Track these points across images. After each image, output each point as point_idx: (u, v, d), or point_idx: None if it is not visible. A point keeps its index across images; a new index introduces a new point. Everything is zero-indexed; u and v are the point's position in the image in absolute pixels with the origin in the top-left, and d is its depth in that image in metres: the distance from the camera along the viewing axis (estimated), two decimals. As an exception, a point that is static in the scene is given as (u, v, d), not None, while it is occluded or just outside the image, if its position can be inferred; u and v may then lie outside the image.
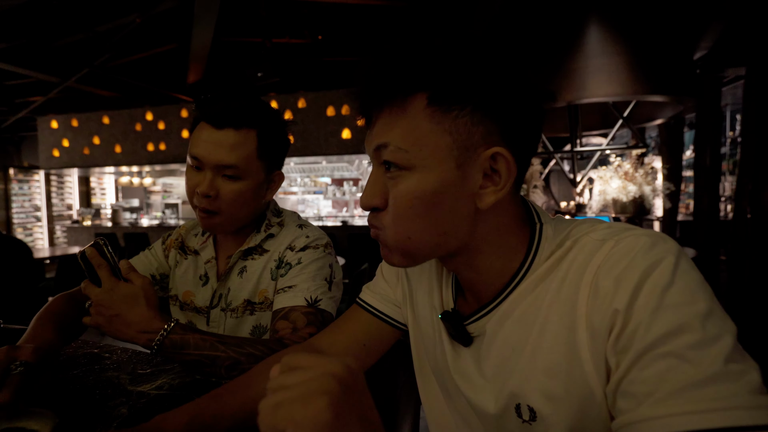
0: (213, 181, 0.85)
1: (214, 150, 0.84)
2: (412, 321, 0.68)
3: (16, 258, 2.79)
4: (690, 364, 0.36)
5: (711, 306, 0.39)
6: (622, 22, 3.00)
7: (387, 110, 0.48)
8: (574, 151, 3.46)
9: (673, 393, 0.36)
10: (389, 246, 0.51)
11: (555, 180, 8.22)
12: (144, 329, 0.72)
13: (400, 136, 0.47)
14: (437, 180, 0.46)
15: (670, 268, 0.40)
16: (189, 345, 0.73)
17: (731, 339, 0.38)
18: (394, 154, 0.47)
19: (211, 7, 3.93)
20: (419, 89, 0.46)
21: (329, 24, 4.95)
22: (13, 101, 6.84)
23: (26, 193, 8.44)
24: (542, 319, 0.47)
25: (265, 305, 0.93)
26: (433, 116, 0.46)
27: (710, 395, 0.35)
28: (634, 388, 0.38)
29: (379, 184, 0.50)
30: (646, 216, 3.29)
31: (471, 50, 0.47)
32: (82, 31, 4.64)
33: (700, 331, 0.37)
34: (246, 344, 0.76)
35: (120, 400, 0.66)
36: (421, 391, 0.69)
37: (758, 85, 3.05)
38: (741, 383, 0.35)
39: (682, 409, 0.35)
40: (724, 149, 5.47)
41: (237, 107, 0.85)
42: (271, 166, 0.93)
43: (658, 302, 0.39)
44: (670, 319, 0.38)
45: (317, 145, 6.05)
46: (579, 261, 0.46)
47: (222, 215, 0.87)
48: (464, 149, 0.46)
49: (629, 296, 0.40)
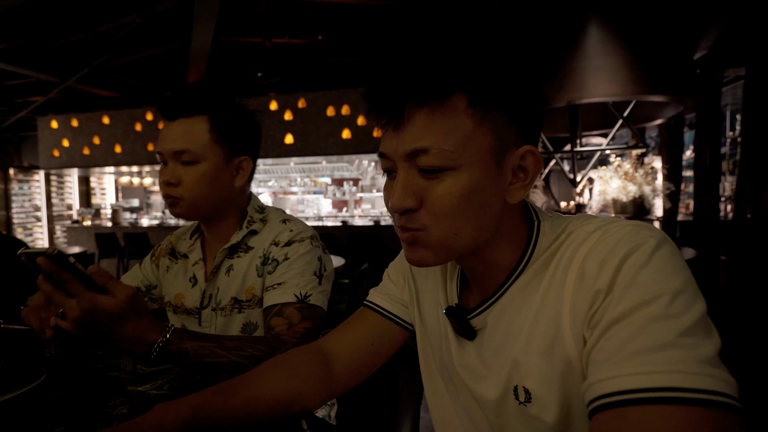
0: (174, 170, 0.90)
1: (170, 140, 0.90)
2: (419, 320, 0.69)
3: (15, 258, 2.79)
4: (648, 333, 0.39)
5: (683, 286, 0.41)
6: (622, 22, 3.00)
7: (426, 110, 0.47)
8: (574, 151, 3.46)
9: (626, 357, 0.39)
10: (431, 245, 0.50)
11: (555, 180, 8.22)
12: (138, 342, 0.68)
13: (442, 137, 0.47)
14: (481, 177, 0.48)
15: (648, 251, 0.43)
16: (188, 354, 0.72)
17: (696, 315, 0.40)
18: (438, 157, 0.47)
19: (211, 7, 3.93)
20: (459, 89, 0.47)
21: (329, 24, 4.95)
22: (13, 101, 6.84)
23: (26, 193, 8.44)
24: (537, 306, 0.50)
25: (253, 302, 0.94)
26: (475, 116, 0.47)
27: (659, 359, 0.37)
28: (599, 355, 0.41)
29: (412, 186, 0.49)
30: (646, 216, 3.29)
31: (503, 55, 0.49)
32: (82, 31, 4.63)
33: (666, 306, 0.40)
34: (246, 345, 0.76)
35: (120, 400, 0.66)
36: (427, 389, 0.69)
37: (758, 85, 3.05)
38: (692, 353, 0.37)
39: (631, 371, 0.38)
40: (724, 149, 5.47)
41: (185, 97, 0.90)
42: (233, 151, 0.95)
43: (632, 279, 0.42)
44: (639, 294, 0.41)
45: (317, 145, 6.04)
46: (570, 250, 0.49)
47: (185, 200, 0.91)
48: (501, 148, 0.49)
49: (610, 277, 0.43)
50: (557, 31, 3.21)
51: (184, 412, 0.54)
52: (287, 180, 8.60)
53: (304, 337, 0.83)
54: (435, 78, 0.47)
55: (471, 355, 0.57)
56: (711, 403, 0.35)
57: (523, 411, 0.51)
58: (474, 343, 0.57)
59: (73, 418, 0.60)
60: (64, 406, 0.64)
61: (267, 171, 8.23)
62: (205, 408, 0.56)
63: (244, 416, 0.58)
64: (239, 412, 0.58)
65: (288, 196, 8.88)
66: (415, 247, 0.52)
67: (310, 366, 0.65)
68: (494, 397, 0.54)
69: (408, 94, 0.48)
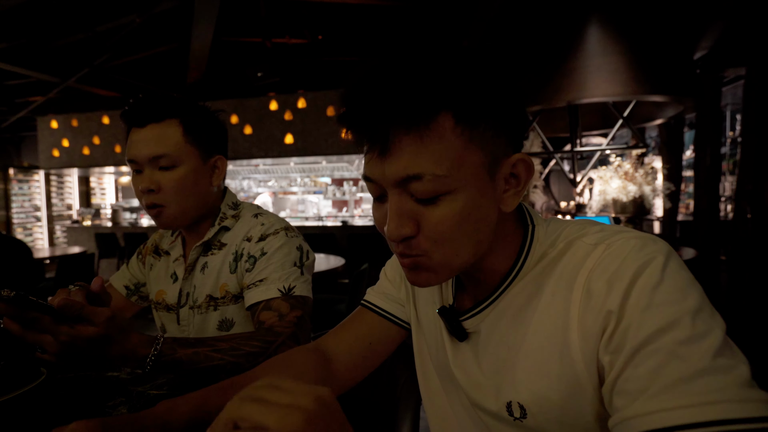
0: (152, 177, 0.89)
1: (144, 146, 0.88)
2: (415, 319, 0.69)
3: (16, 258, 2.79)
4: (680, 359, 0.37)
5: (700, 303, 0.40)
6: (622, 22, 3.00)
7: (413, 135, 0.44)
8: (574, 151, 3.46)
9: (664, 388, 0.37)
10: (433, 268, 0.49)
11: (555, 180, 8.22)
12: (129, 360, 0.68)
13: (434, 162, 0.44)
14: (477, 195, 0.46)
15: (659, 268, 0.42)
16: (182, 363, 0.71)
17: (720, 334, 0.39)
18: (433, 184, 0.44)
19: (211, 7, 3.93)
20: (445, 108, 0.44)
21: (329, 24, 4.95)
22: (13, 101, 6.84)
23: (26, 193, 8.44)
24: (537, 321, 0.49)
25: (227, 299, 0.93)
26: (464, 134, 0.45)
27: (701, 389, 0.36)
28: (628, 385, 0.39)
29: (407, 212, 0.47)
30: (646, 216, 3.29)
31: (485, 66, 0.46)
32: (82, 31, 4.63)
33: (690, 328, 0.38)
34: (241, 344, 0.76)
35: (120, 400, 0.66)
36: (422, 387, 0.69)
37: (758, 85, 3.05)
38: (730, 377, 0.36)
39: (674, 404, 0.36)
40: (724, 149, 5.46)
41: (152, 103, 0.90)
42: (208, 152, 0.95)
43: (649, 301, 0.40)
44: (660, 317, 0.39)
45: (317, 145, 6.04)
46: (572, 264, 0.48)
47: (169, 207, 0.90)
48: (494, 161, 0.47)
49: (621, 297, 0.42)
50: (557, 31, 3.21)
51: (185, 409, 0.54)
52: (287, 180, 8.59)
53: (296, 325, 0.83)
54: (419, 99, 0.43)
55: (468, 357, 0.57)
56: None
57: (519, 426, 0.50)
58: (469, 345, 0.57)
59: (73, 418, 0.60)
60: (64, 406, 0.64)
61: (267, 171, 8.23)
62: (207, 404, 0.56)
63: None
64: None
65: (288, 196, 8.88)
66: (417, 272, 0.50)
67: (309, 365, 0.65)
68: (491, 408, 0.53)
69: (392, 118, 0.44)
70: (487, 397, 0.54)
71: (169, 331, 1.00)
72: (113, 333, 0.64)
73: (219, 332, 0.94)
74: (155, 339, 0.70)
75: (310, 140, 6.05)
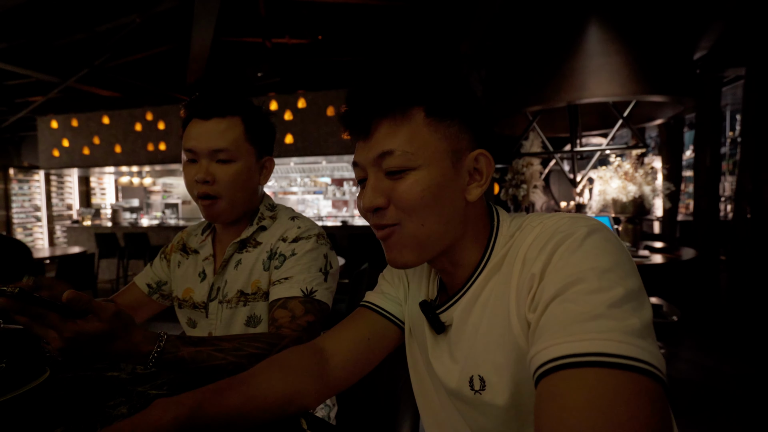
0: (209, 168, 0.92)
1: (206, 138, 0.91)
2: (408, 319, 0.72)
3: (15, 258, 2.79)
4: (577, 305, 0.42)
5: (612, 265, 0.45)
6: (622, 23, 3.00)
7: (389, 121, 0.55)
8: (574, 151, 3.46)
9: (559, 328, 0.42)
10: (406, 241, 0.57)
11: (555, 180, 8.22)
12: (133, 356, 0.68)
13: (405, 141, 0.55)
14: (439, 175, 0.55)
15: (581, 237, 0.48)
16: (185, 361, 0.72)
17: (622, 291, 0.42)
18: (402, 158, 0.54)
19: (211, 7, 3.93)
20: (417, 103, 0.55)
21: (329, 24, 4.95)
22: (13, 101, 6.84)
23: (26, 193, 8.44)
24: (493, 300, 0.56)
25: (258, 296, 0.95)
26: (431, 125, 0.55)
27: (588, 328, 0.40)
28: (537, 330, 0.45)
29: (380, 187, 0.56)
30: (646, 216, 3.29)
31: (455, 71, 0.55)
32: (82, 31, 4.63)
33: (595, 282, 0.43)
34: (244, 345, 0.76)
35: (120, 400, 0.66)
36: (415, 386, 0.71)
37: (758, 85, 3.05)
38: (620, 323, 0.40)
39: (562, 339, 0.41)
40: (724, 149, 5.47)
41: (219, 98, 0.93)
42: (261, 151, 1.00)
43: (565, 262, 0.46)
44: (571, 273, 0.45)
45: (317, 145, 6.04)
46: (517, 244, 0.55)
47: (223, 199, 0.93)
48: (456, 152, 0.56)
49: (544, 261, 0.48)
50: (557, 31, 3.21)
51: (181, 410, 0.54)
52: (287, 180, 8.59)
53: (306, 330, 0.84)
54: (396, 94, 0.55)
55: (444, 350, 0.62)
56: (634, 369, 0.38)
57: (478, 399, 0.55)
58: (446, 338, 0.62)
59: (73, 418, 0.60)
60: (64, 405, 0.64)
61: (267, 171, 8.22)
62: (203, 406, 0.56)
63: (241, 414, 0.58)
64: (236, 409, 0.58)
65: (288, 196, 8.88)
66: (393, 247, 0.58)
67: (306, 364, 0.65)
68: (455, 387, 0.58)
69: (374, 109, 0.56)
70: (454, 379, 0.59)
71: (199, 326, 1.01)
72: (118, 329, 0.65)
73: (246, 328, 0.95)
74: (158, 336, 0.70)
75: (310, 140, 6.05)
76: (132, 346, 0.68)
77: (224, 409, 0.57)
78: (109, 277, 6.37)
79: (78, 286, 3.81)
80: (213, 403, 0.57)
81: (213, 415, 0.56)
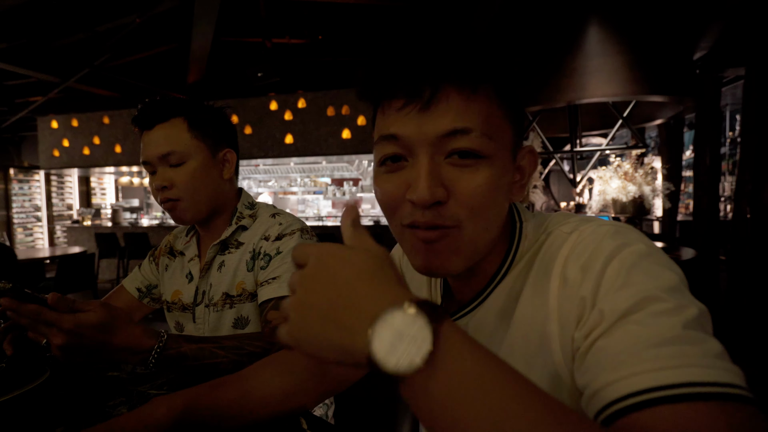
0: (164, 174, 0.92)
1: (153, 146, 0.92)
2: None
3: None
4: (649, 328, 0.36)
5: (678, 282, 0.40)
6: (622, 22, 3.00)
7: (463, 92, 0.44)
8: (574, 151, 3.46)
9: (631, 355, 0.35)
10: (462, 245, 0.46)
11: (555, 180, 8.22)
12: (134, 351, 0.68)
13: (483, 121, 0.44)
14: (505, 170, 0.47)
15: (635, 252, 0.41)
16: (187, 357, 0.72)
17: (695, 311, 0.37)
18: (478, 141, 0.43)
19: (211, 7, 3.93)
20: (490, 80, 0.45)
21: (329, 24, 4.95)
22: (14, 101, 6.83)
23: (26, 193, 8.44)
24: (519, 314, 0.48)
25: (244, 297, 0.95)
26: (501, 107, 0.46)
27: (668, 354, 0.34)
28: (597, 357, 0.38)
29: (440, 175, 0.44)
30: (646, 216, 3.29)
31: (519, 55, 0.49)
32: (82, 31, 4.63)
33: (663, 302, 0.37)
34: (245, 343, 0.76)
35: (120, 400, 0.66)
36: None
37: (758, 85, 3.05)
38: (700, 347, 0.35)
39: (640, 368, 0.34)
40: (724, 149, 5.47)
41: (157, 105, 0.94)
42: (215, 146, 0.98)
43: (624, 281, 0.40)
44: (634, 293, 0.38)
45: (317, 145, 6.04)
46: (550, 253, 0.47)
47: (184, 201, 0.93)
48: (516, 144, 0.48)
49: (594, 282, 0.41)
50: (557, 31, 3.21)
51: (176, 406, 0.54)
52: (287, 180, 8.59)
53: None
54: (473, 62, 0.44)
55: None
56: (728, 396, 0.33)
57: None
58: None
59: (73, 417, 0.60)
60: (64, 405, 0.64)
61: (267, 171, 8.23)
62: (198, 402, 0.56)
63: (237, 411, 0.58)
64: (232, 406, 0.58)
65: (288, 196, 8.88)
66: (441, 252, 0.46)
67: (305, 363, 0.65)
68: None
69: (445, 73, 0.44)
70: None
71: (186, 330, 1.01)
72: (115, 320, 0.66)
73: (234, 330, 0.95)
74: (159, 333, 0.71)
75: (310, 140, 6.05)
76: (133, 339, 0.67)
77: (220, 403, 0.57)
78: (109, 277, 6.37)
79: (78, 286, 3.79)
80: (208, 398, 0.57)
81: (207, 411, 0.56)
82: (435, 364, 0.29)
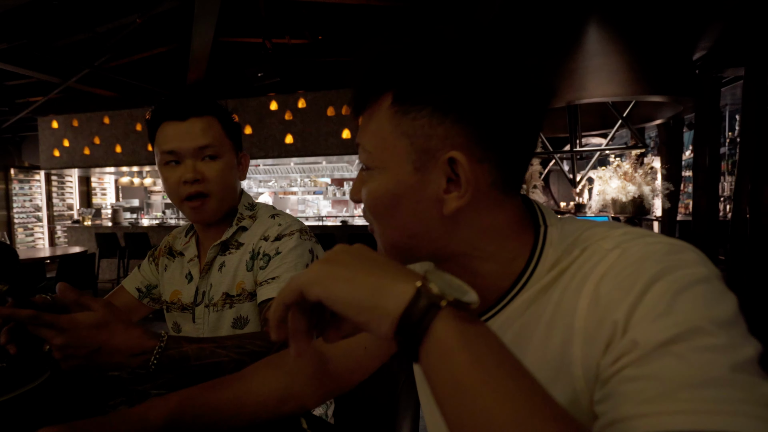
0: (195, 166, 0.92)
1: (189, 137, 0.91)
2: None
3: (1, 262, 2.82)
4: (689, 364, 0.31)
5: (734, 316, 0.34)
6: (622, 23, 3.00)
7: (367, 110, 0.48)
8: (574, 151, 3.47)
9: (664, 392, 0.31)
10: (378, 240, 0.51)
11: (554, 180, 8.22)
12: (135, 352, 0.67)
13: (368, 137, 0.47)
14: (392, 182, 0.45)
15: (689, 275, 0.36)
16: (189, 357, 0.72)
17: (751, 352, 0.33)
18: (362, 155, 0.48)
19: (211, 7, 3.93)
20: (387, 89, 0.45)
21: (329, 24, 4.95)
22: (14, 101, 6.84)
23: (27, 193, 8.45)
24: (541, 333, 0.44)
25: (243, 297, 0.95)
26: (393, 118, 0.45)
27: (709, 397, 0.30)
28: (623, 387, 0.33)
29: (359, 181, 0.50)
30: (646, 216, 3.29)
31: (435, 50, 0.43)
32: (82, 31, 4.63)
33: (712, 337, 0.32)
34: (246, 343, 0.77)
35: (120, 400, 0.67)
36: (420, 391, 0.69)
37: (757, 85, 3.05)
38: (750, 393, 0.30)
39: (673, 408, 0.30)
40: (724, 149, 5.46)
41: (193, 99, 0.94)
42: (237, 147, 1.01)
43: (667, 308, 0.34)
44: (677, 323, 0.33)
45: (317, 145, 6.04)
46: (583, 271, 0.41)
47: (213, 197, 0.93)
48: (422, 152, 0.44)
49: (630, 304, 0.36)
50: (557, 31, 3.21)
51: (171, 404, 0.54)
52: (287, 180, 8.59)
53: None
54: (365, 80, 0.47)
55: None
56: None
57: None
58: None
59: (73, 417, 0.60)
60: (64, 405, 0.64)
61: (267, 171, 8.23)
62: (194, 401, 0.56)
63: (233, 411, 0.58)
64: (228, 406, 0.58)
65: (288, 196, 8.88)
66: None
67: (303, 364, 0.64)
68: None
69: (356, 97, 0.49)
70: None
71: (184, 330, 1.01)
72: (115, 320, 0.65)
73: (233, 330, 0.96)
74: (159, 334, 0.71)
75: (310, 140, 6.05)
76: (133, 339, 0.66)
77: (216, 402, 0.57)
78: (109, 276, 6.37)
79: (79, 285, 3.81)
80: (204, 398, 0.57)
81: (203, 410, 0.56)
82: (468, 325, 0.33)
